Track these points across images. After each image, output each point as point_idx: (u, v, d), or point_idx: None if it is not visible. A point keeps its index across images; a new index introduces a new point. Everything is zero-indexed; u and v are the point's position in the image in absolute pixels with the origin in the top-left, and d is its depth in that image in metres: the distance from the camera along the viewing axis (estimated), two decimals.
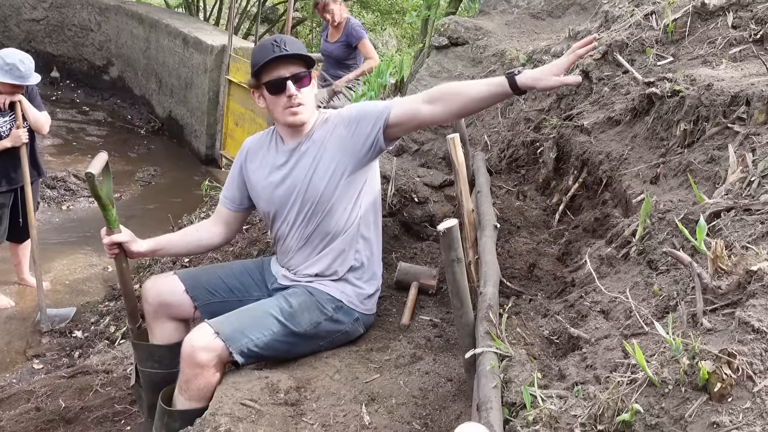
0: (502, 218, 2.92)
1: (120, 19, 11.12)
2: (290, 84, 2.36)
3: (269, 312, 2.41)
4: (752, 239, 1.70)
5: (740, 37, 2.68)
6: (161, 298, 2.58)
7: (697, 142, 2.29)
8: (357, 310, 2.58)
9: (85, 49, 11.61)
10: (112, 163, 8.58)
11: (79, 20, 11.48)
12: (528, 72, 2.20)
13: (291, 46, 2.39)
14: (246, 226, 4.10)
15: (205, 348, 2.27)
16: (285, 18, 9.09)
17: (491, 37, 4.06)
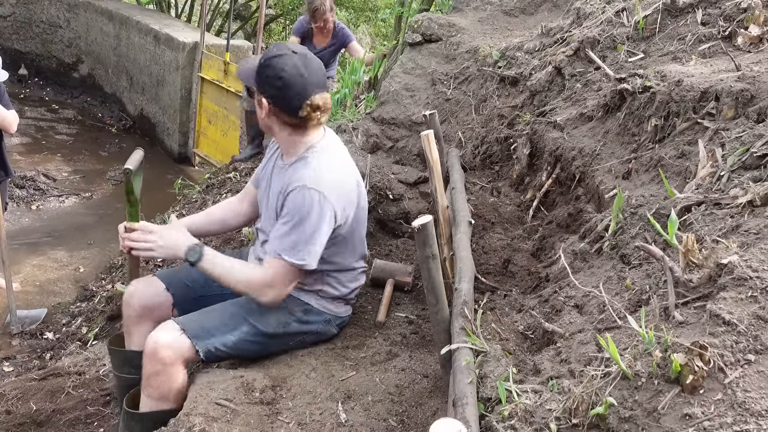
0: (477, 214, 2.93)
1: (89, 15, 10.94)
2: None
3: (237, 312, 2.40)
4: (722, 233, 1.72)
5: (709, 33, 2.72)
6: (144, 301, 2.55)
7: (668, 137, 2.32)
8: (327, 312, 2.54)
9: (53, 46, 11.41)
10: (83, 162, 8.40)
11: (48, 16, 11.27)
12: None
13: (239, 69, 2.48)
14: None
15: (169, 345, 2.26)
16: (258, 15, 9.01)
17: (465, 34, 4.06)
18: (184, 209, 5.95)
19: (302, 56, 2.26)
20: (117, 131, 10.19)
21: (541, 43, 3.53)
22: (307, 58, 2.27)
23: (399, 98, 3.98)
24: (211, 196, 5.89)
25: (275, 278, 2.30)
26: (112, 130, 10.19)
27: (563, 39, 3.34)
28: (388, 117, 3.95)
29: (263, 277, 2.31)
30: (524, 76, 3.42)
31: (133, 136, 10.12)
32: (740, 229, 1.68)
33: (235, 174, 5.99)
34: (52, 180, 7.85)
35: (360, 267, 2.64)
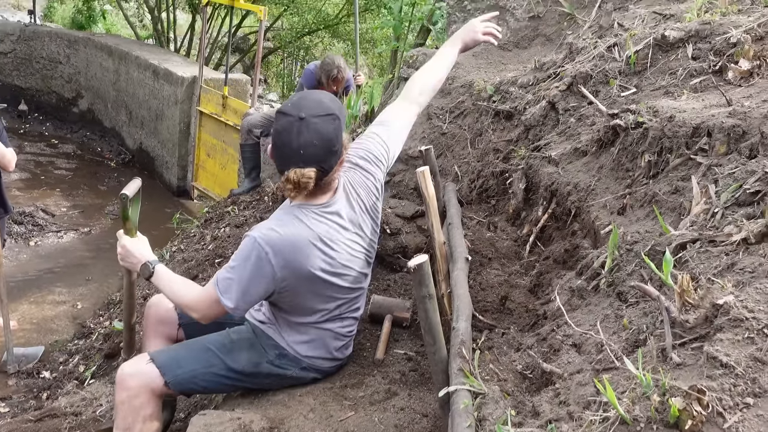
0: (474, 250, 2.93)
1: (89, 51, 11.06)
2: None
3: (207, 346, 2.42)
4: (718, 271, 1.72)
5: (700, 68, 2.74)
6: (158, 315, 2.65)
7: (661, 173, 2.32)
8: (304, 359, 2.46)
9: (53, 82, 11.52)
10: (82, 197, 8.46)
11: (48, 53, 11.40)
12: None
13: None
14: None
15: (134, 373, 2.30)
16: (256, 48, 9.11)
17: (459, 69, 4.10)
18: (183, 243, 5.95)
19: (304, 125, 2.14)
20: (116, 165, 10.24)
21: (534, 77, 3.56)
22: (306, 130, 2.14)
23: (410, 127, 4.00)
24: (209, 230, 5.89)
25: (202, 301, 2.31)
26: (112, 165, 10.24)
27: (556, 74, 3.37)
28: None
29: (195, 298, 2.34)
30: (518, 110, 3.45)
31: (132, 170, 10.17)
32: (735, 268, 1.68)
33: (233, 208, 6.01)
34: (50, 215, 7.86)
35: (341, 327, 2.53)
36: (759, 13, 2.83)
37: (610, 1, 4.07)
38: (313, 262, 2.28)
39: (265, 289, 2.26)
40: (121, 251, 2.48)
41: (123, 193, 2.52)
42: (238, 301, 2.24)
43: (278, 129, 2.20)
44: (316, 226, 2.28)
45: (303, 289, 2.33)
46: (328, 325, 2.47)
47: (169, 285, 2.39)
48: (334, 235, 2.33)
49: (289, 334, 2.44)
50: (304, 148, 2.14)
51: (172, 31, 12.87)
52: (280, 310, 2.43)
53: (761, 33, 2.69)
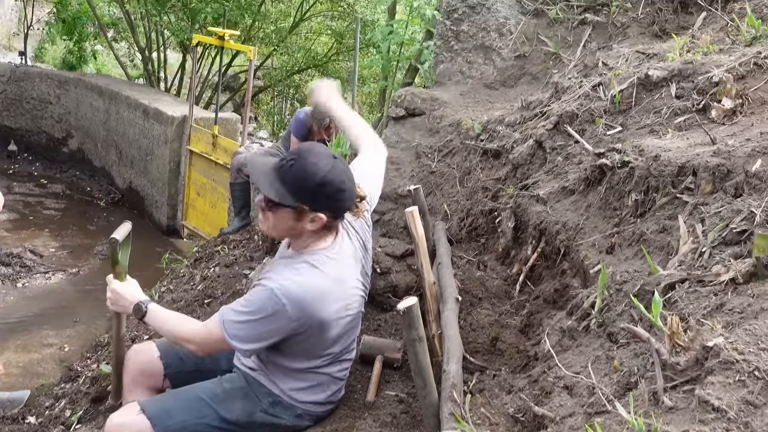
0: (464, 290, 2.92)
1: (80, 91, 11.11)
2: (260, 196, 2.29)
3: (199, 395, 2.37)
4: (707, 311, 1.72)
5: (684, 106, 2.78)
6: (138, 366, 2.57)
7: (648, 211, 2.34)
8: (299, 406, 2.42)
9: (43, 122, 11.54)
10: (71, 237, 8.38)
11: (38, 93, 11.44)
12: None
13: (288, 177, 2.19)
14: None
15: (124, 424, 2.25)
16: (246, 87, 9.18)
17: (447, 108, 4.14)
18: (172, 284, 5.91)
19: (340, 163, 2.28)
20: (105, 205, 10.20)
21: (521, 116, 3.59)
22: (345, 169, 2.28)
23: (384, 171, 4.01)
24: (199, 270, 5.85)
25: (202, 336, 2.29)
26: (101, 204, 10.21)
27: (543, 113, 3.40)
28: None
29: (193, 332, 2.32)
30: (506, 149, 3.47)
31: (122, 210, 10.13)
32: (724, 308, 1.68)
33: (223, 247, 5.97)
34: (38, 256, 7.80)
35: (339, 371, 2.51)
36: (739, 53, 2.88)
37: (594, 41, 4.15)
38: (330, 307, 2.26)
39: (279, 337, 2.24)
40: (111, 296, 2.45)
41: (113, 237, 2.50)
42: (251, 347, 2.23)
43: (329, 169, 2.17)
44: (330, 270, 2.26)
45: (315, 334, 2.29)
46: (329, 369, 2.44)
47: (164, 321, 2.37)
48: (344, 274, 2.33)
49: (285, 380, 2.39)
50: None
51: (162, 70, 12.96)
52: (277, 356, 2.36)
53: (742, 72, 2.74)
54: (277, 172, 2.21)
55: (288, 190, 2.19)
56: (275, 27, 11.94)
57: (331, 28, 12.90)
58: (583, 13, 4.31)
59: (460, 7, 4.50)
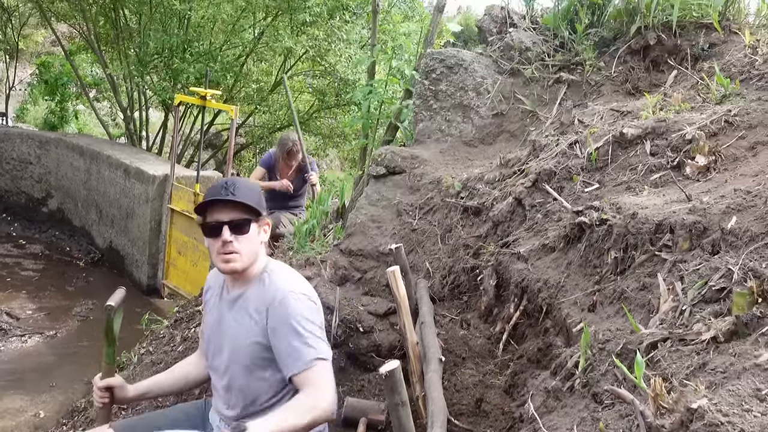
0: (447, 349, 2.90)
1: (60, 151, 11.10)
2: (226, 229, 2.29)
3: None
4: (690, 371, 1.71)
5: (659, 164, 2.83)
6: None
7: (628, 269, 2.35)
8: None
9: (23, 182, 11.48)
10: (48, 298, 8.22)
11: (18, 153, 11.41)
12: None
13: (240, 193, 2.30)
14: None
15: None
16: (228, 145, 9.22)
17: (427, 165, 4.18)
18: (152, 345, 5.79)
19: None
20: (85, 265, 10.08)
21: (500, 173, 3.63)
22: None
23: (366, 230, 4.02)
24: (179, 331, 5.75)
25: (316, 388, 2.15)
26: (80, 264, 10.08)
27: (521, 170, 3.44)
28: (355, 249, 3.97)
29: (305, 397, 2.15)
30: (486, 206, 3.50)
31: (101, 269, 10.01)
32: (707, 368, 1.68)
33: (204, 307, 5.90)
34: (15, 319, 7.64)
35: None
36: (710, 111, 2.95)
37: (569, 99, 4.24)
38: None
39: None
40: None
41: (108, 304, 2.43)
42: (326, 345, 2.28)
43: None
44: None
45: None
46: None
47: (286, 420, 2.10)
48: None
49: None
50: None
51: (144, 129, 13.01)
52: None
53: (714, 129, 2.80)
54: (232, 196, 2.31)
55: (252, 204, 2.33)
56: (257, 86, 12.08)
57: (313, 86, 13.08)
58: (558, 72, 4.41)
59: (438, 68, 4.59)
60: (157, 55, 10.78)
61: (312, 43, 10.60)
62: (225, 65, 10.86)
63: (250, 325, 2.33)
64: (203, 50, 10.84)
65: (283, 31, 10.40)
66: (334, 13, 10.63)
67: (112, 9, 11.22)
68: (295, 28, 10.60)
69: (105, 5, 11.13)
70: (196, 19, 10.78)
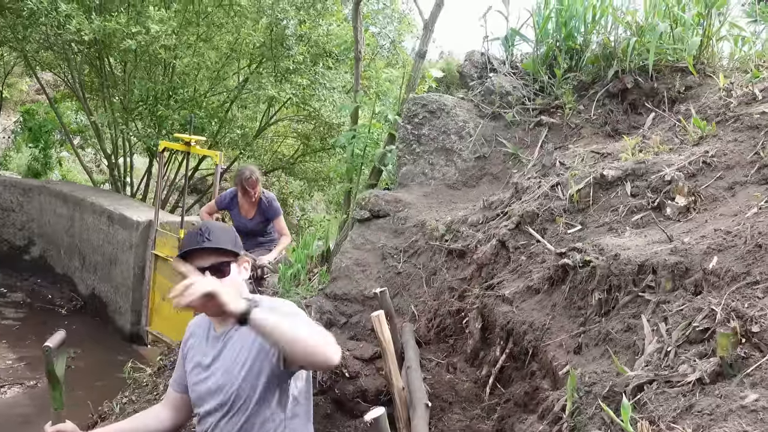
0: (434, 394, 2.86)
1: (43, 198, 11.04)
2: (207, 275, 2.29)
3: None
4: (677, 413, 1.70)
5: (639, 204, 2.85)
6: None
7: (612, 310, 2.35)
8: None
9: (5, 230, 11.35)
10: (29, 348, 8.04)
11: (1, 201, 11.32)
12: None
13: (215, 237, 2.31)
14: None
15: None
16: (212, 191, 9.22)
17: (411, 209, 4.19)
18: (134, 394, 5.68)
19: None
20: (67, 312, 9.92)
21: (484, 216, 3.65)
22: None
23: (351, 273, 4.01)
24: (163, 379, 5.65)
25: (330, 340, 2.07)
26: (62, 312, 9.93)
27: (504, 212, 3.46)
28: (340, 293, 3.95)
29: (328, 339, 2.06)
30: (470, 248, 3.50)
31: (84, 317, 9.85)
32: (693, 410, 1.67)
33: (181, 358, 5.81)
34: None
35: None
36: (688, 152, 3.00)
37: (550, 141, 4.29)
38: None
39: None
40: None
41: (46, 345, 2.32)
42: None
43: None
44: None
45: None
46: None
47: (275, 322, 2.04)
48: None
49: None
50: None
51: (128, 175, 12.99)
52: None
53: (692, 170, 2.84)
54: (208, 242, 2.28)
55: (228, 246, 2.30)
56: (241, 131, 12.14)
57: (297, 131, 13.16)
58: (538, 116, 4.48)
59: (421, 112, 4.65)
60: (141, 102, 10.83)
61: (295, 91, 10.69)
62: (209, 112, 10.92)
63: (243, 352, 2.31)
64: (188, 97, 10.90)
65: (266, 80, 10.49)
66: (318, 60, 10.76)
67: (98, 58, 11.29)
68: (278, 75, 10.71)
69: (90, 54, 11.20)
70: (181, 66, 10.87)
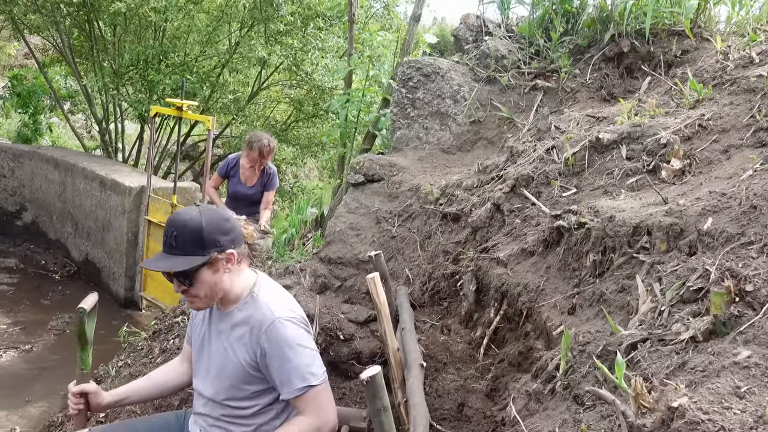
0: (428, 355, 2.89)
1: (35, 164, 10.95)
2: (175, 281, 2.21)
3: None
4: (670, 371, 1.73)
5: (635, 167, 2.86)
6: None
7: (607, 271, 2.36)
8: None
9: None
10: (24, 312, 8.08)
11: None
12: None
13: (181, 242, 2.17)
14: None
15: None
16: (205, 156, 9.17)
17: (406, 173, 4.18)
18: (129, 358, 5.72)
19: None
20: (61, 278, 9.92)
21: (478, 180, 3.65)
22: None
23: (345, 237, 4.01)
24: (158, 343, 5.68)
25: (319, 410, 2.19)
26: (56, 277, 9.93)
27: (499, 176, 3.46)
28: (335, 257, 3.96)
29: (312, 420, 2.19)
30: (465, 212, 3.51)
31: (78, 282, 9.86)
32: (686, 367, 1.69)
33: (183, 318, 5.83)
34: None
35: None
36: (684, 115, 2.99)
37: (545, 105, 4.27)
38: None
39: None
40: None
41: (80, 307, 2.43)
42: (321, 366, 2.25)
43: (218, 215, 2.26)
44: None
45: None
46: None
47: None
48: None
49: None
50: None
51: (120, 141, 12.89)
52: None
53: (688, 133, 2.84)
54: (171, 250, 2.18)
55: (191, 253, 2.17)
56: (234, 97, 12.03)
57: (290, 96, 13.06)
58: (534, 80, 4.45)
59: (415, 76, 4.61)
60: (132, 67, 10.69)
61: (287, 53, 10.57)
62: (201, 76, 10.80)
63: (237, 347, 2.29)
64: (179, 61, 10.77)
65: (256, 41, 10.37)
66: (308, 21, 10.62)
67: (87, 21, 11.11)
68: (270, 38, 10.58)
69: (79, 17, 11.03)
70: (171, 30, 10.72)
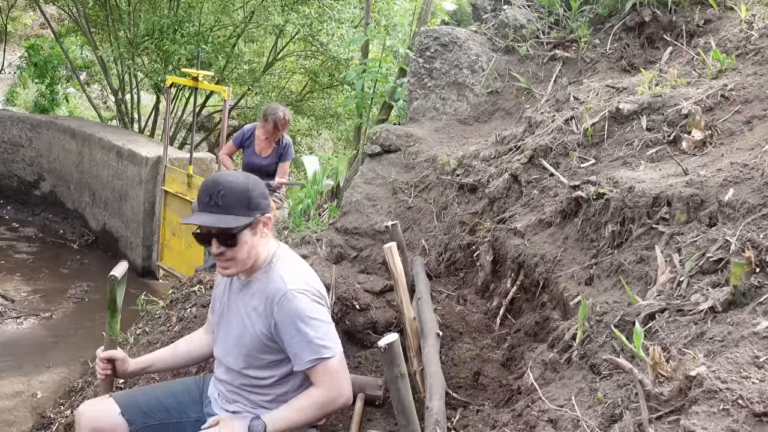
0: (444, 324, 2.91)
1: (52, 134, 11.02)
2: (215, 242, 2.19)
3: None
4: (688, 341, 1.73)
5: (655, 138, 2.83)
6: (95, 423, 2.42)
7: (625, 242, 2.36)
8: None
9: (15, 165, 11.39)
10: (43, 281, 8.19)
11: (9, 137, 11.31)
12: None
13: (226, 201, 2.16)
14: None
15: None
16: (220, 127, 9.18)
17: (422, 144, 4.17)
18: (148, 326, 5.80)
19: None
20: (79, 247, 10.04)
21: (496, 150, 3.63)
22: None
23: (361, 208, 4.02)
24: (175, 311, 5.75)
25: (332, 383, 2.20)
26: (74, 247, 10.05)
27: (517, 147, 3.44)
28: (351, 227, 3.97)
29: (324, 391, 2.20)
30: (482, 183, 3.50)
31: (96, 252, 9.98)
32: (705, 337, 1.69)
33: (199, 287, 5.90)
34: (10, 301, 7.63)
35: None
36: (706, 86, 2.95)
37: (564, 76, 4.23)
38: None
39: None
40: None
41: (112, 275, 2.47)
42: (336, 340, 2.25)
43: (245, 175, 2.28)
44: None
45: None
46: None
47: (294, 413, 2.20)
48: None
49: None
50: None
51: (136, 111, 12.93)
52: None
53: (710, 104, 2.80)
54: (214, 209, 2.17)
55: (238, 213, 2.17)
56: (249, 67, 12.00)
57: (305, 67, 12.99)
58: (552, 50, 4.40)
59: (433, 45, 4.57)
60: (147, 37, 10.67)
61: (303, 21, 10.50)
62: (216, 46, 10.77)
63: (254, 317, 2.31)
64: (194, 31, 10.73)
65: (273, 9, 10.30)
66: None
67: None
68: (286, 6, 10.50)
69: None
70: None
